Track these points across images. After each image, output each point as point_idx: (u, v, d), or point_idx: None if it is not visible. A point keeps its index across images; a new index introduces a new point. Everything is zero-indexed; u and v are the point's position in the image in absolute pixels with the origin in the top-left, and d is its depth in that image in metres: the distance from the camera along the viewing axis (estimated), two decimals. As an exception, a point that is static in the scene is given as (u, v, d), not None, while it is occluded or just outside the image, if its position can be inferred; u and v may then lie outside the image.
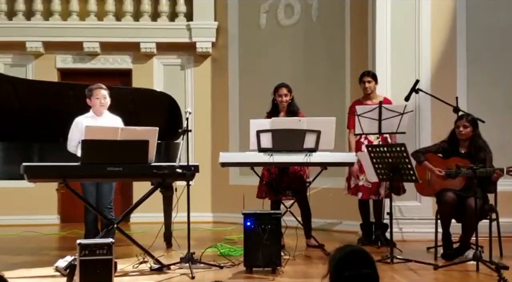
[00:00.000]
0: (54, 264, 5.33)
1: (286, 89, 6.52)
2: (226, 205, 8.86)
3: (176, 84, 9.05)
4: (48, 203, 8.82)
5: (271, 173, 6.41)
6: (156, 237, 6.02)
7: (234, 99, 9.09)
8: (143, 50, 9.06)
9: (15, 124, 6.37)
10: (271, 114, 6.49)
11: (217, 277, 5.02)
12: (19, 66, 8.98)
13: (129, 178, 6.00)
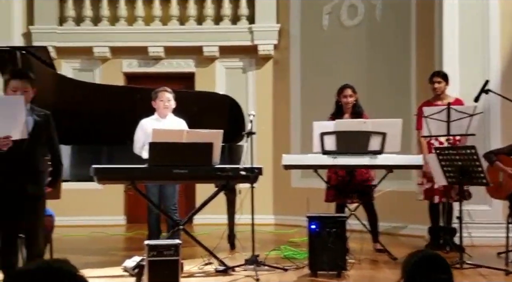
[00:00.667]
0: (122, 264, 5.44)
1: (351, 90, 6.44)
2: (288, 208, 8.84)
3: (238, 87, 9.10)
4: (114, 204, 9.01)
5: (338, 176, 6.35)
6: (221, 239, 6.06)
7: (295, 102, 9.07)
8: (206, 53, 9.15)
9: (84, 127, 6.53)
10: (335, 116, 6.42)
11: (282, 280, 5.02)
12: (87, 71, 9.20)
13: (194, 180, 6.08)
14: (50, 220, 5.23)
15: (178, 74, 9.35)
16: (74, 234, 7.72)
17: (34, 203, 4.38)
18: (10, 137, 4.24)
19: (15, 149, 4.30)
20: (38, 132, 4.37)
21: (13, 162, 4.35)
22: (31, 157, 4.37)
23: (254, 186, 5.41)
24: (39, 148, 4.41)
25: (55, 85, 6.37)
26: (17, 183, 4.35)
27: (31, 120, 4.36)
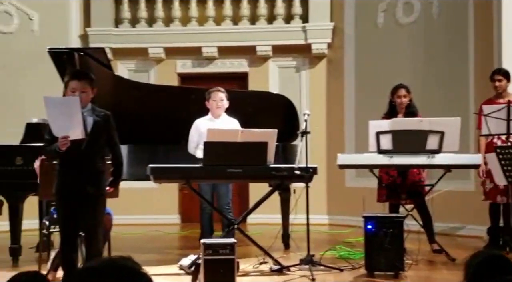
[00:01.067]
0: (178, 263, 5.50)
1: (405, 90, 6.35)
2: (342, 207, 8.77)
3: (291, 87, 9.07)
4: (169, 203, 9.11)
5: (390, 176, 6.27)
6: (275, 238, 6.05)
7: (350, 101, 8.99)
8: (259, 53, 9.16)
9: (140, 127, 6.62)
10: (388, 116, 6.34)
11: (338, 280, 4.99)
12: (142, 71, 9.33)
13: (248, 179, 6.10)
14: (109, 218, 5.32)
15: (232, 74, 9.39)
16: (130, 232, 7.84)
17: (94, 203, 4.45)
18: (68, 138, 4.32)
19: (75, 149, 4.38)
20: (98, 132, 4.43)
21: (73, 162, 4.43)
22: (91, 157, 4.44)
23: (309, 186, 5.38)
24: (98, 148, 4.48)
25: (112, 86, 6.48)
26: (77, 183, 4.43)
27: (91, 121, 4.43)
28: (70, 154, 4.41)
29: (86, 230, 4.48)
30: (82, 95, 4.38)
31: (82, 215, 4.44)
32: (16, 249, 5.90)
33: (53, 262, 5.10)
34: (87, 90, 4.41)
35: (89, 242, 4.48)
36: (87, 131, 4.39)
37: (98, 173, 4.47)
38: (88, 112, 4.44)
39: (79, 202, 4.43)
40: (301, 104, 8.73)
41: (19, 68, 8.74)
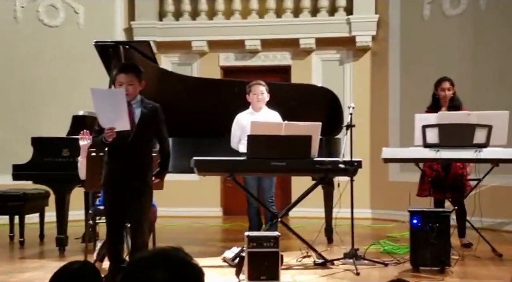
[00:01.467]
0: (221, 255, 5.52)
1: (449, 83, 6.25)
2: (385, 202, 8.69)
3: (335, 79, 9.00)
4: (211, 196, 9.15)
5: (433, 170, 6.19)
6: (319, 232, 6.02)
7: (394, 94, 8.88)
8: (302, 46, 9.12)
9: (184, 120, 6.64)
10: (431, 109, 6.25)
11: (383, 275, 4.94)
12: (185, 65, 9.38)
13: (292, 173, 6.07)
14: (153, 210, 5.36)
15: (274, 67, 9.38)
16: (173, 224, 7.90)
17: (140, 195, 4.49)
18: (114, 129, 4.36)
19: (122, 141, 4.42)
20: (145, 124, 4.46)
21: (119, 153, 4.48)
22: (137, 149, 4.47)
23: (353, 179, 5.34)
24: (145, 140, 4.51)
25: (157, 79, 6.51)
26: (123, 175, 4.47)
27: (139, 113, 4.46)
28: (117, 146, 4.45)
29: (132, 222, 4.52)
30: (130, 88, 4.42)
31: (128, 206, 4.48)
32: (62, 239, 6.00)
33: (99, 253, 5.17)
34: (134, 83, 4.44)
35: (134, 234, 4.52)
36: (135, 124, 4.43)
37: (144, 165, 4.50)
38: (136, 104, 4.48)
39: (126, 193, 4.47)
40: (345, 97, 8.66)
41: (65, 62, 8.87)
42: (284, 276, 4.80)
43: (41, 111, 8.70)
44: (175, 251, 1.68)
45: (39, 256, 6.17)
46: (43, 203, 6.95)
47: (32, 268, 5.41)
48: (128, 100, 4.45)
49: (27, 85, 8.75)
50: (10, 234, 6.85)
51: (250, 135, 5.39)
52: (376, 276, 4.94)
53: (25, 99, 8.70)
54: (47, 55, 8.85)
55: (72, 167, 5.88)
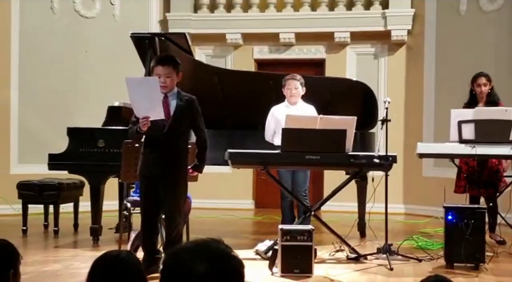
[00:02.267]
0: (254, 248, 5.54)
1: (485, 79, 6.20)
2: (419, 197, 8.62)
3: (369, 74, 8.92)
4: (244, 188, 9.18)
5: (469, 167, 6.13)
6: (352, 226, 6.00)
7: (429, 89, 8.79)
8: (337, 39, 9.07)
9: (218, 112, 6.68)
10: (468, 105, 6.20)
11: (416, 271, 4.90)
12: (219, 57, 9.39)
13: (326, 166, 6.06)
14: (188, 202, 5.39)
15: (309, 60, 9.34)
16: (205, 216, 7.94)
17: (174, 186, 4.53)
18: (148, 118, 4.40)
19: (157, 132, 4.47)
20: (181, 116, 4.50)
21: (155, 144, 4.52)
22: (173, 140, 4.51)
23: (388, 174, 5.31)
24: (181, 132, 4.54)
25: (192, 71, 6.54)
26: (158, 165, 4.51)
27: (174, 104, 4.50)
28: (153, 136, 4.50)
29: (167, 213, 4.57)
30: (167, 80, 4.46)
31: (163, 197, 4.52)
32: (96, 229, 6.07)
33: (133, 243, 5.22)
34: (171, 75, 4.48)
35: (169, 224, 4.56)
36: (170, 115, 4.46)
37: (179, 156, 4.54)
38: (173, 96, 4.51)
39: (161, 184, 4.51)
40: (379, 91, 8.60)
41: (101, 53, 8.96)
42: (317, 270, 4.80)
43: (77, 102, 8.81)
44: (215, 243, 1.70)
45: (73, 245, 6.26)
46: (78, 193, 7.05)
47: (66, 257, 5.49)
48: (165, 92, 4.49)
49: (64, 76, 8.85)
50: (45, 223, 6.97)
51: (285, 128, 5.39)
52: (410, 271, 4.91)
53: (62, 90, 8.81)
54: (83, 47, 8.94)
55: (107, 157, 5.96)
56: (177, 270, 1.65)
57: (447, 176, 6.81)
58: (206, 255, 1.66)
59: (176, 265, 1.66)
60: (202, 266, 1.63)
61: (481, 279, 4.71)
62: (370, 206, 6.02)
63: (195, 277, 1.62)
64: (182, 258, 1.66)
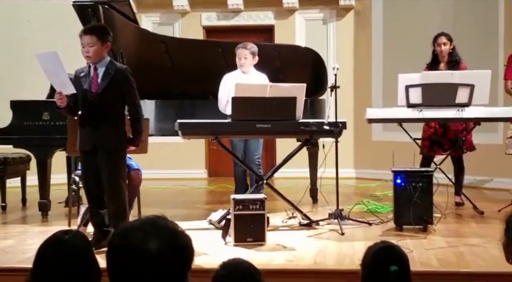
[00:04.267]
0: (207, 217, 5.53)
1: (445, 38, 6.25)
2: (368, 161, 8.75)
3: (318, 39, 8.92)
4: (196, 158, 9.14)
5: (431, 127, 6.22)
6: (304, 193, 6.05)
7: (377, 54, 8.84)
8: (285, 5, 9.01)
9: (167, 82, 6.59)
10: (430, 65, 6.28)
11: (367, 234, 4.99)
12: (166, 25, 9.23)
13: (277, 135, 6.07)
14: (138, 174, 5.35)
15: (257, 27, 9.27)
16: (157, 186, 7.89)
17: (111, 158, 4.44)
18: (61, 93, 4.36)
19: (87, 104, 4.40)
20: (110, 86, 4.40)
21: (87, 117, 4.46)
22: (104, 112, 4.42)
23: (338, 141, 5.35)
24: (111, 102, 4.43)
25: (138, 40, 6.43)
26: (91, 138, 4.45)
27: (102, 75, 4.41)
28: (85, 109, 4.44)
29: (106, 186, 4.47)
30: (90, 50, 4.37)
31: (101, 171, 4.45)
32: (45, 204, 5.95)
33: (83, 217, 5.14)
34: (95, 44, 4.38)
35: (109, 198, 4.48)
36: (98, 87, 4.39)
37: (113, 127, 4.44)
38: (101, 66, 4.42)
39: (97, 157, 4.44)
40: (328, 57, 8.62)
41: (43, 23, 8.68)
42: (270, 238, 4.83)
43: (19, 75, 8.55)
44: (163, 220, 1.68)
45: (22, 221, 6.12)
46: (25, 167, 6.89)
47: (15, 233, 5.38)
48: (92, 62, 4.42)
49: (4, 48, 8.58)
50: (-8, 199, 6.81)
51: (234, 97, 5.35)
52: (361, 235, 4.99)
53: (3, 62, 8.54)
54: (24, 16, 8.66)
55: (53, 131, 5.83)
56: (127, 250, 1.63)
57: (395, 140, 6.92)
58: (156, 233, 1.64)
59: (125, 245, 1.63)
60: (153, 244, 1.62)
61: (429, 240, 4.80)
62: (322, 171, 6.05)
63: (147, 256, 1.61)
64: (130, 237, 1.64)
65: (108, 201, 4.48)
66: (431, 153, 6.22)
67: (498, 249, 2.32)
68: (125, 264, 1.60)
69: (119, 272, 1.62)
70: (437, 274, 3.98)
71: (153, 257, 1.59)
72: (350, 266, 3.94)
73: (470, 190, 6.79)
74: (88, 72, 4.47)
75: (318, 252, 4.49)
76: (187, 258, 1.65)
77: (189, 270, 1.66)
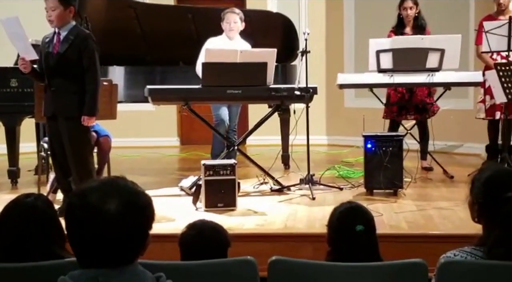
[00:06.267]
0: (178, 184, 5.52)
1: (411, 2, 6.25)
2: (341, 128, 8.76)
3: (290, 6, 8.83)
4: (168, 126, 9.07)
5: (398, 92, 6.24)
6: (276, 159, 6.05)
7: (349, 19, 8.80)
8: (256, -30, 8.89)
9: (137, 48, 6.51)
10: (396, 29, 6.29)
11: (338, 199, 5.01)
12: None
13: (248, 100, 6.03)
14: (107, 140, 5.31)
15: (229, -8, 9.15)
16: (128, 154, 7.84)
17: (67, 126, 4.38)
18: (25, 59, 4.33)
19: (48, 70, 4.35)
20: (70, 53, 4.33)
21: (49, 83, 4.41)
22: (64, 78, 4.36)
23: (309, 106, 5.34)
24: (71, 69, 4.36)
25: (106, 5, 6.32)
26: (51, 105, 4.41)
27: (62, 39, 4.35)
28: (47, 75, 4.39)
29: (69, 153, 4.41)
30: (52, 14, 4.31)
31: (63, 137, 4.41)
32: (14, 171, 5.88)
33: (52, 184, 5.10)
34: (57, 8, 4.30)
35: (72, 167, 4.42)
36: (58, 51, 4.33)
37: (71, 94, 4.37)
38: (64, 31, 4.35)
39: (59, 124, 4.39)
40: (300, 23, 8.54)
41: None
42: (241, 203, 4.84)
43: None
44: (122, 180, 1.65)
45: (-9, 189, 6.06)
46: (-7, 135, 6.79)
47: (-16, 201, 5.32)
48: (55, 26, 4.36)
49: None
50: (-40, 167, 6.70)
51: (205, 62, 5.32)
52: (331, 200, 5.01)
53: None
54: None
55: (21, 97, 5.73)
56: (85, 210, 1.60)
57: (367, 106, 6.93)
58: (115, 193, 1.62)
59: (84, 205, 1.61)
60: (112, 204, 1.59)
61: (399, 204, 4.86)
62: (293, 138, 6.06)
63: (106, 216, 1.58)
64: (90, 198, 1.61)
65: (73, 170, 4.43)
66: (399, 118, 6.25)
67: (466, 211, 2.35)
68: (84, 224, 1.58)
69: (78, 234, 1.60)
70: (406, 236, 4.03)
71: (112, 217, 1.57)
72: (320, 229, 3.94)
73: (441, 155, 6.84)
74: (52, 37, 4.41)
75: (289, 216, 4.52)
76: (147, 218, 1.64)
77: (150, 230, 1.65)
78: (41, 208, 2.08)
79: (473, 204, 2.26)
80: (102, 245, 1.57)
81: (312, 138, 5.58)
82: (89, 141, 4.59)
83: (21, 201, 2.12)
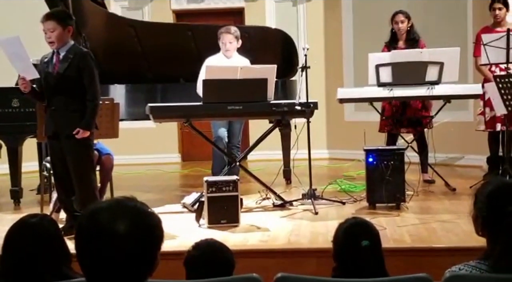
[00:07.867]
0: (181, 201, 5.53)
1: (403, 16, 6.29)
2: (341, 141, 8.77)
3: (289, 21, 8.88)
4: (169, 142, 9.09)
5: (392, 106, 6.27)
6: (278, 174, 6.07)
7: (348, 34, 8.84)
8: (255, -13, 8.96)
9: (137, 66, 6.54)
10: (389, 44, 6.32)
11: (340, 213, 5.02)
12: (136, 9, 9.11)
13: (249, 116, 6.06)
14: (109, 158, 5.32)
15: (227, 9, 9.19)
16: (130, 172, 7.85)
17: (75, 144, 4.38)
18: (25, 79, 4.36)
19: (48, 89, 4.38)
20: (68, 70, 4.36)
21: (49, 102, 4.43)
22: (63, 97, 4.38)
23: (309, 121, 5.36)
24: (71, 87, 4.38)
25: (106, 25, 6.36)
26: (52, 125, 4.44)
27: (62, 59, 4.37)
28: (47, 95, 4.41)
29: (72, 173, 4.42)
30: (52, 35, 4.34)
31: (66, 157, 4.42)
32: (17, 191, 5.89)
33: (55, 204, 5.09)
34: (56, 29, 4.34)
35: (76, 186, 4.43)
36: (58, 71, 4.35)
37: (72, 112, 4.39)
38: (63, 51, 4.39)
39: (62, 143, 4.41)
40: (299, 38, 8.59)
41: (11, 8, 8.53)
42: (244, 219, 4.85)
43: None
44: (131, 201, 1.67)
45: (-6, 209, 6.07)
46: (-5, 155, 6.80)
47: (-12, 221, 5.33)
48: (54, 48, 4.39)
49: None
50: (-37, 188, 6.71)
51: (205, 79, 5.34)
52: (334, 214, 5.02)
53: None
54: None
55: (23, 117, 5.76)
56: (95, 231, 1.61)
57: (368, 120, 6.95)
58: (125, 214, 1.63)
59: (93, 226, 1.62)
60: (122, 225, 1.60)
61: (402, 218, 4.86)
62: (295, 152, 6.07)
63: (115, 237, 1.59)
64: (99, 218, 1.62)
65: (76, 188, 4.44)
66: (394, 131, 6.28)
67: (469, 223, 2.35)
68: (94, 245, 1.59)
69: (88, 254, 1.61)
70: (410, 250, 4.03)
71: (122, 238, 1.58)
72: (324, 244, 3.97)
73: (442, 167, 6.85)
74: (52, 57, 4.45)
75: (292, 232, 4.52)
76: (156, 238, 1.65)
77: (159, 251, 1.66)
78: (47, 228, 2.09)
79: (477, 217, 2.27)
80: (111, 265, 1.58)
81: (313, 152, 5.59)
82: (92, 159, 4.61)
83: (27, 221, 2.13)
